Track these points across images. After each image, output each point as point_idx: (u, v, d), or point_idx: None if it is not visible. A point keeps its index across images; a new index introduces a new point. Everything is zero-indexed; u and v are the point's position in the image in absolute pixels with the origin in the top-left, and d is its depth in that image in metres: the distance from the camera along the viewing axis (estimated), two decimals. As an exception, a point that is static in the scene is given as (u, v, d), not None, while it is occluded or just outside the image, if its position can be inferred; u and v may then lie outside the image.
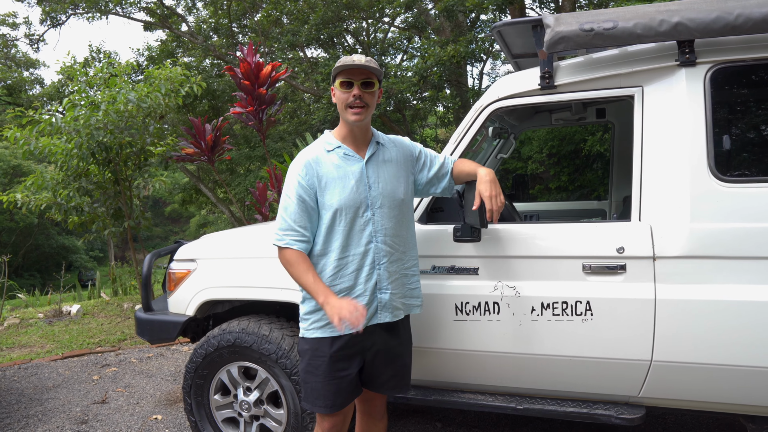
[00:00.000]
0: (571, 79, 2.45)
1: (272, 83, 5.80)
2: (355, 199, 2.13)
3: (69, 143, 6.29)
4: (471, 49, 12.14)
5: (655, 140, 2.35)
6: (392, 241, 2.20)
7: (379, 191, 2.18)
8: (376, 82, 2.15)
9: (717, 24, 2.15)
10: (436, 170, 2.39)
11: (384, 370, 2.28)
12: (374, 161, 2.21)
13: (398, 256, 2.23)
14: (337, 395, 2.19)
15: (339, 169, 2.16)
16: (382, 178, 2.20)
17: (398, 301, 2.24)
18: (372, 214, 2.16)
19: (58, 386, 4.52)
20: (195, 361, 2.96)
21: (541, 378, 2.55)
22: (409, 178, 2.32)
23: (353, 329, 1.99)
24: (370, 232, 2.15)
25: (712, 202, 2.24)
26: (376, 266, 2.17)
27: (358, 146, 2.22)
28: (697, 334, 2.26)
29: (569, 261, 2.41)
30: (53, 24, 16.04)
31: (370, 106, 2.14)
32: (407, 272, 2.29)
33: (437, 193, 2.45)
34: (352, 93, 2.10)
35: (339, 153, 2.19)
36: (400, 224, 2.23)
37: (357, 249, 2.15)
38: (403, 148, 2.34)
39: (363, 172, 2.17)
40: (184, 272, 3.12)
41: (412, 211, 2.34)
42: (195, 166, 15.79)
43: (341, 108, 2.15)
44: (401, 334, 2.32)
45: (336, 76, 2.15)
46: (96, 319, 6.80)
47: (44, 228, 29.26)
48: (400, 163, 2.29)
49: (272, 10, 14.43)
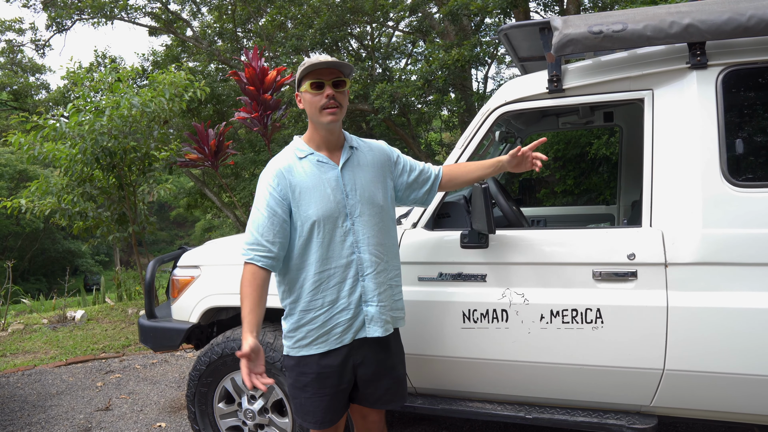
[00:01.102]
0: (580, 82, 2.41)
1: (277, 88, 5.78)
2: (333, 209, 2.01)
3: (73, 148, 6.28)
4: (476, 52, 12.10)
5: (666, 144, 2.31)
6: (376, 250, 2.08)
7: (357, 198, 2.06)
8: (347, 80, 2.04)
9: (729, 25, 2.11)
10: (416, 175, 2.29)
11: (377, 385, 2.16)
12: (349, 167, 2.09)
13: (384, 266, 2.11)
14: (326, 412, 2.10)
15: (313, 178, 2.03)
16: (359, 184, 2.08)
17: (387, 314, 2.11)
18: (352, 223, 2.04)
19: (61, 393, 4.49)
20: (199, 369, 2.92)
21: (550, 387, 2.50)
22: (388, 183, 2.19)
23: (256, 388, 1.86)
24: (351, 243, 2.04)
25: (725, 207, 2.19)
26: (360, 278, 2.06)
27: (331, 152, 2.09)
28: (710, 343, 2.21)
29: (579, 268, 2.36)
30: (59, 29, 16.07)
31: (343, 106, 2.02)
32: (391, 283, 2.15)
33: (417, 200, 2.34)
34: (324, 94, 1.98)
35: (312, 160, 2.06)
36: (381, 232, 2.10)
37: (338, 261, 2.03)
38: (380, 152, 2.22)
39: (339, 179, 2.05)
40: (188, 279, 3.09)
41: (393, 218, 2.20)
42: (200, 170, 15.80)
43: (313, 112, 2.01)
44: (392, 347, 2.20)
45: (302, 79, 2.03)
46: (100, 325, 6.78)
47: (50, 232, 29.32)
48: (377, 167, 2.16)
49: (277, 15, 14.44)
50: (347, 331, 2.07)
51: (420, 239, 2.61)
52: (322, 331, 2.06)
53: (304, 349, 2.07)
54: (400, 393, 2.24)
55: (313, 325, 2.06)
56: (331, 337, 2.06)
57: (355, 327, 2.07)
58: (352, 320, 2.06)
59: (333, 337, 2.06)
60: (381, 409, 2.28)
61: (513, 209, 2.68)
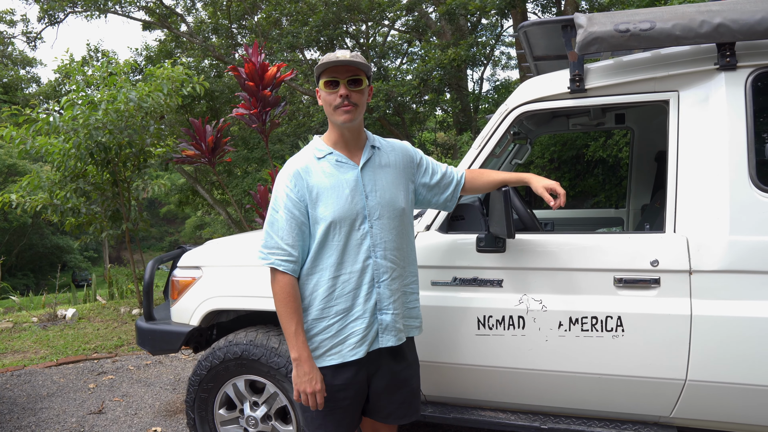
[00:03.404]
0: (603, 82, 2.33)
1: (277, 85, 5.67)
2: (350, 211, 1.92)
3: (67, 143, 6.12)
4: (472, 52, 12.06)
5: (691, 148, 2.23)
6: (393, 255, 1.98)
7: (377, 200, 1.96)
8: (365, 78, 1.94)
9: (762, 26, 2.03)
10: (439, 178, 2.21)
11: (390, 398, 2.06)
12: (370, 167, 2.00)
13: (400, 272, 2.02)
14: (338, 426, 2.01)
15: (332, 178, 1.94)
16: (380, 185, 1.98)
17: (400, 322, 2.02)
18: (370, 226, 1.94)
19: (52, 395, 4.36)
20: (199, 374, 2.81)
21: (567, 396, 2.42)
22: (409, 185, 2.10)
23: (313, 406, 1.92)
24: (368, 247, 1.94)
25: (753, 213, 2.13)
26: (375, 284, 1.95)
27: (351, 152, 2.00)
28: (735, 353, 2.14)
29: (600, 274, 2.28)
30: (51, 22, 15.86)
31: (360, 106, 1.92)
32: (406, 290, 2.07)
33: (439, 204, 2.25)
34: (338, 93, 1.89)
35: (331, 160, 1.97)
36: (400, 236, 2.01)
37: (354, 266, 1.93)
38: (403, 152, 2.12)
39: (358, 180, 1.96)
40: (189, 280, 2.98)
41: (412, 222, 2.12)
42: (192, 167, 15.64)
43: (329, 111, 1.94)
44: (407, 357, 2.10)
45: (320, 75, 1.94)
46: (92, 324, 6.64)
47: (38, 228, 28.97)
48: (399, 168, 2.07)
49: (272, 11, 14.31)
50: (362, 343, 1.95)
51: (434, 242, 2.52)
52: (336, 341, 1.95)
53: (317, 360, 1.97)
54: (413, 407, 2.13)
55: (325, 334, 1.95)
56: (345, 348, 1.95)
57: (370, 337, 1.97)
58: (367, 329, 1.95)
59: (347, 348, 1.95)
60: (393, 425, 2.17)
61: (528, 213, 2.60)
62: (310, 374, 1.90)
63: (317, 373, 1.91)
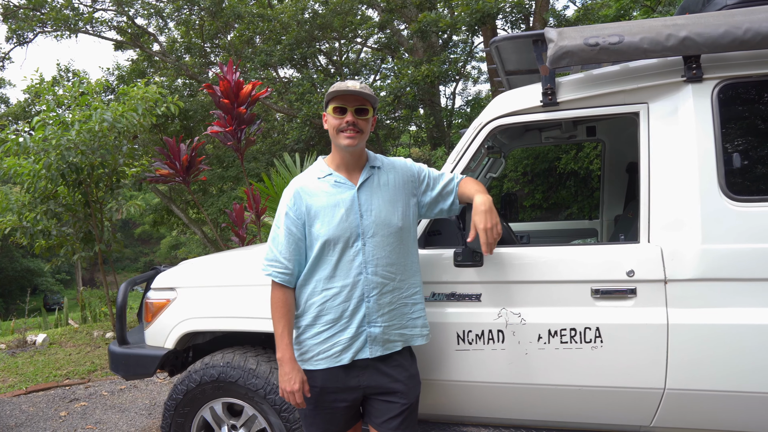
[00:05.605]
0: (575, 95, 2.36)
1: (252, 102, 5.65)
2: (345, 230, 2.05)
3: (37, 164, 5.99)
4: (444, 69, 12.18)
5: (662, 159, 2.27)
6: (385, 271, 2.09)
7: (371, 219, 2.08)
8: (371, 108, 2.09)
9: (725, 39, 2.08)
10: (440, 188, 2.28)
11: (379, 407, 2.12)
12: (367, 187, 2.12)
13: (395, 285, 2.11)
14: (328, 424, 2.15)
15: (329, 198, 2.08)
16: (376, 204, 2.10)
17: (394, 333, 2.12)
18: (363, 244, 2.06)
19: (21, 425, 4.22)
20: (175, 398, 2.75)
21: (548, 409, 2.42)
22: (410, 201, 2.20)
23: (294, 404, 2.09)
24: (360, 263, 2.06)
25: (724, 222, 2.16)
26: (365, 299, 2.07)
27: (350, 173, 2.14)
28: (712, 360, 2.16)
29: (577, 285, 2.30)
30: (20, 42, 15.58)
31: (364, 132, 2.08)
32: (407, 301, 2.16)
33: (444, 210, 2.30)
34: (345, 119, 2.05)
35: (330, 181, 2.12)
36: (396, 252, 2.11)
37: (345, 280, 2.06)
38: (404, 170, 2.23)
39: (354, 200, 2.08)
40: (163, 302, 2.92)
41: (413, 236, 2.21)
42: (167, 186, 15.44)
43: (333, 133, 2.09)
44: (406, 369, 2.14)
45: (329, 101, 2.10)
46: (63, 349, 6.46)
47: (8, 251, 28.30)
48: (398, 186, 2.18)
49: (245, 30, 14.30)
50: (346, 351, 2.07)
51: (411, 258, 2.50)
52: (324, 347, 2.08)
53: (306, 363, 2.12)
54: (405, 424, 2.12)
55: (315, 339, 2.10)
56: (331, 354, 2.08)
57: (355, 347, 2.08)
58: (352, 340, 2.07)
59: (333, 354, 2.08)
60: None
61: (505, 225, 2.60)
62: (290, 374, 2.06)
63: (297, 374, 2.07)
